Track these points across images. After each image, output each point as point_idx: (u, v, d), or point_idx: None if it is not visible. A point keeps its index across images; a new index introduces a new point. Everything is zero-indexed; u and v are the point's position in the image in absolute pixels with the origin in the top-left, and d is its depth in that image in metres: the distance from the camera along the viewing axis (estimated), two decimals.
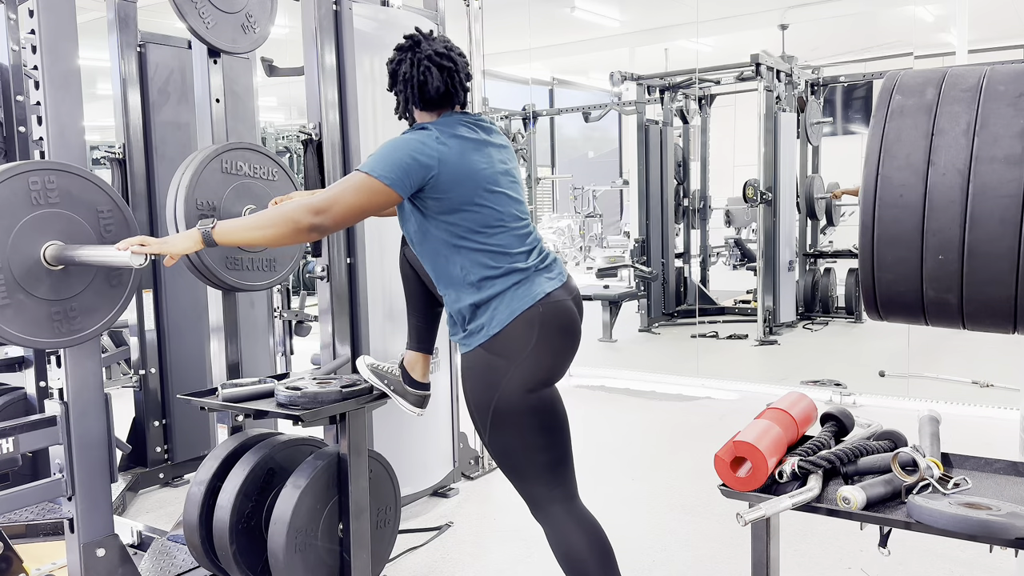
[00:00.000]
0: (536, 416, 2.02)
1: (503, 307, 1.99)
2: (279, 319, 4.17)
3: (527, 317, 1.98)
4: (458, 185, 1.98)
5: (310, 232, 1.94)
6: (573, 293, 2.12)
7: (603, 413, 5.29)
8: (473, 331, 2.02)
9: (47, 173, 2.23)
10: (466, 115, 2.12)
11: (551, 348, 2.02)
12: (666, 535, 3.29)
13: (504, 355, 1.98)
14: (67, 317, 2.25)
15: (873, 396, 5.28)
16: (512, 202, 2.08)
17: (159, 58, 3.91)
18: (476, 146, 2.05)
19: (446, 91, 2.08)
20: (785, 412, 1.86)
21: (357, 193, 1.94)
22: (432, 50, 2.08)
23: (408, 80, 2.08)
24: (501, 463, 2.09)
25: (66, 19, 2.33)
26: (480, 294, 2.00)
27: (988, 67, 1.61)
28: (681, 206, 8.71)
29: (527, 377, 1.98)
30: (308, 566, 2.37)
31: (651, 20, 10.38)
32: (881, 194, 1.59)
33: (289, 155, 9.77)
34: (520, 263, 2.03)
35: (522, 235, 2.07)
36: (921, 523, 1.46)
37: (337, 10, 3.16)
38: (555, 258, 2.14)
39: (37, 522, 3.14)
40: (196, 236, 2.06)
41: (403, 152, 1.96)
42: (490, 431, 2.04)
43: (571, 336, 2.08)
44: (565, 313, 2.05)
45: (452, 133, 2.03)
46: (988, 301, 1.55)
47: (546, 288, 2.03)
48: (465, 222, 2.00)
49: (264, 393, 2.45)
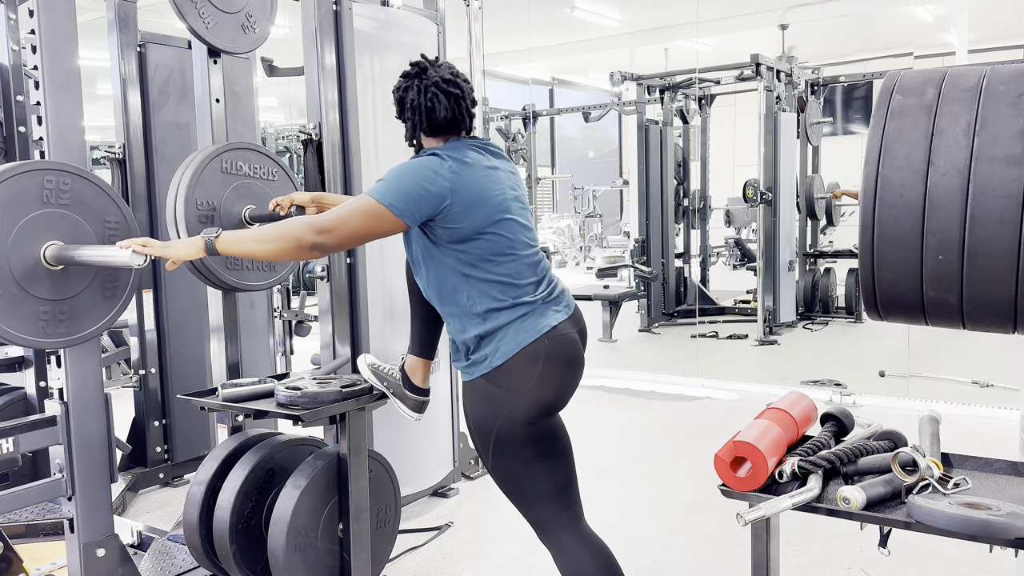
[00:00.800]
0: (538, 445, 2.01)
1: (508, 339, 1.97)
2: (279, 319, 4.17)
3: (532, 351, 1.96)
4: (470, 213, 1.96)
5: (312, 251, 1.93)
6: (579, 325, 2.10)
7: (603, 413, 5.28)
8: (476, 361, 2.00)
9: (63, 175, 2.25)
10: (474, 140, 2.11)
11: (554, 381, 2.00)
12: (666, 535, 3.29)
13: (506, 387, 1.97)
14: (67, 317, 2.25)
15: (873, 396, 5.28)
16: (522, 229, 2.06)
17: (159, 58, 3.92)
18: (486, 172, 2.03)
19: (453, 118, 2.07)
20: (785, 412, 1.86)
21: (364, 218, 1.92)
22: (439, 77, 2.06)
23: (416, 107, 2.06)
24: (505, 490, 2.08)
25: (66, 19, 2.33)
26: (486, 325, 1.98)
27: (988, 67, 1.61)
28: (681, 206, 8.71)
29: (530, 408, 1.97)
30: (308, 566, 2.37)
31: (651, 20, 10.38)
32: (881, 194, 1.59)
33: (289, 155, 9.77)
34: (528, 296, 2.01)
35: (532, 263, 2.05)
36: (921, 523, 1.46)
37: (337, 10, 3.16)
38: (563, 289, 2.12)
39: (37, 522, 3.14)
40: (199, 244, 2.06)
41: (414, 181, 1.93)
42: (492, 458, 2.03)
43: (575, 369, 2.06)
44: (570, 346, 2.04)
45: (462, 159, 2.00)
46: (988, 301, 1.55)
47: (552, 321, 2.01)
48: (476, 250, 1.98)
49: (264, 393, 2.45)
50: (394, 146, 3.39)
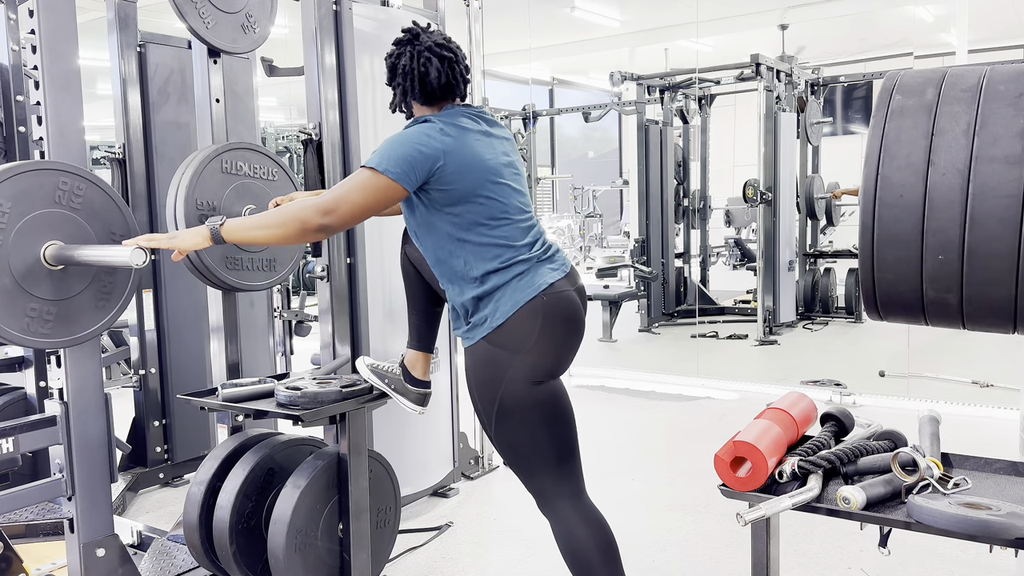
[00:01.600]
0: (542, 409, 2.02)
1: (506, 299, 1.99)
2: (279, 319, 4.17)
3: (530, 308, 1.98)
4: (463, 176, 1.98)
5: (317, 232, 1.94)
6: (576, 284, 2.11)
7: (603, 413, 5.28)
8: (476, 323, 2.02)
9: (79, 179, 2.27)
10: (468, 107, 2.12)
11: (555, 339, 2.01)
12: (666, 535, 3.29)
13: (508, 347, 1.98)
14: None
15: (873, 396, 5.28)
16: (515, 194, 2.08)
17: (159, 58, 3.91)
18: (478, 137, 2.05)
19: (447, 82, 2.08)
20: (785, 412, 1.86)
21: (364, 190, 1.94)
22: (432, 42, 2.08)
23: (408, 72, 2.07)
24: (507, 457, 2.09)
25: (66, 19, 2.33)
26: (483, 287, 2.00)
27: (988, 67, 1.61)
28: (681, 206, 8.71)
29: (532, 368, 1.98)
30: (308, 566, 2.37)
31: (651, 20, 10.38)
32: (881, 194, 1.59)
33: (289, 155, 9.77)
34: (523, 255, 2.03)
35: (525, 227, 2.07)
36: (921, 523, 1.46)
37: (337, 10, 3.16)
38: (557, 249, 2.14)
39: (37, 522, 3.14)
40: (205, 232, 2.06)
41: (407, 146, 1.95)
42: (495, 425, 2.04)
43: (575, 326, 2.07)
44: (568, 303, 2.05)
45: (455, 123, 2.02)
46: (988, 301, 1.55)
47: (548, 279, 2.03)
48: (470, 214, 2.00)
49: (264, 393, 2.45)
50: None
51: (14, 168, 2.16)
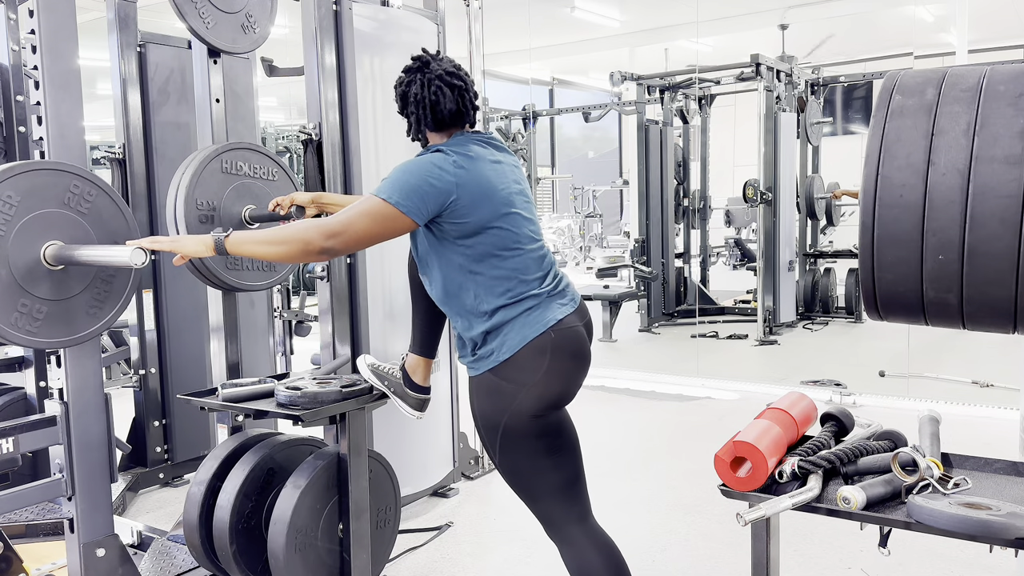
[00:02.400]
0: (546, 439, 2.00)
1: (514, 333, 1.96)
2: (279, 319, 4.17)
3: (538, 344, 1.96)
4: (477, 208, 1.95)
5: (320, 254, 1.92)
6: (585, 318, 2.10)
7: (603, 413, 5.28)
8: (482, 356, 2.00)
9: (91, 185, 2.28)
10: (477, 134, 2.10)
11: (561, 374, 1.99)
12: (666, 535, 3.29)
13: (513, 380, 1.96)
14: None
15: (873, 396, 5.28)
16: (527, 223, 2.05)
17: (159, 58, 3.92)
18: (491, 166, 2.03)
19: (458, 111, 2.06)
20: (785, 412, 1.86)
21: (372, 219, 1.91)
22: (442, 70, 2.06)
23: (420, 101, 2.05)
24: (512, 485, 2.07)
25: (66, 19, 2.33)
26: (492, 321, 1.98)
27: (988, 67, 1.61)
28: (681, 206, 8.71)
29: (536, 401, 1.96)
30: (308, 566, 2.37)
31: (651, 20, 10.38)
32: (881, 194, 1.59)
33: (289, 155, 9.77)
34: (534, 289, 2.00)
35: (538, 258, 2.05)
36: (921, 523, 1.46)
37: (337, 10, 3.16)
38: (568, 283, 2.11)
39: (37, 522, 3.14)
40: (209, 243, 2.05)
41: (419, 178, 1.92)
42: (500, 453, 2.02)
43: (581, 361, 2.05)
44: (576, 339, 2.03)
45: (466, 153, 2.00)
46: (988, 301, 1.55)
47: (558, 315, 2.00)
48: (482, 245, 1.97)
49: (264, 393, 2.45)
50: (394, 146, 3.39)
51: (29, 165, 2.18)
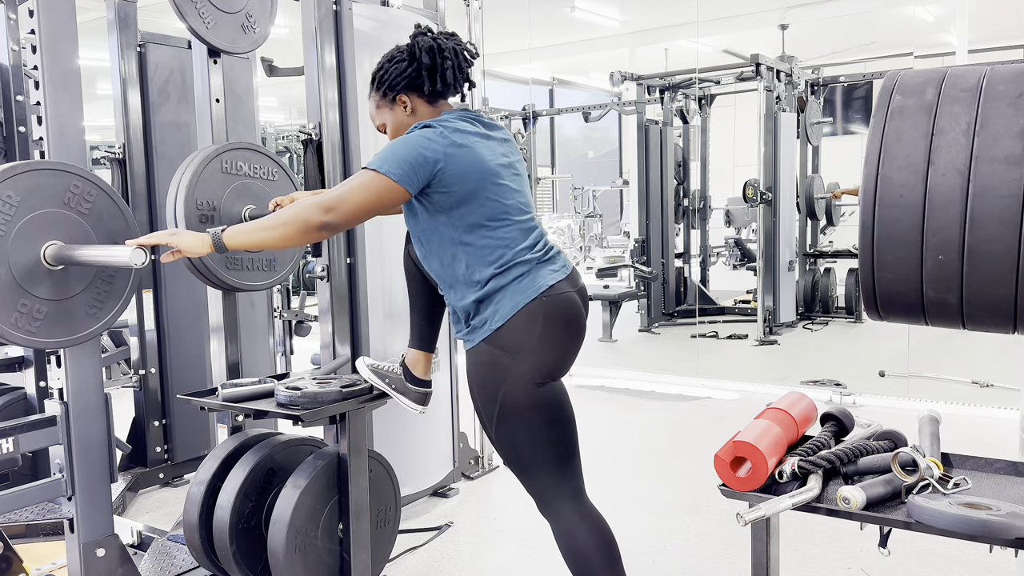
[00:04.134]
0: (543, 411, 2.01)
1: (506, 300, 1.99)
2: (279, 319, 4.17)
3: (530, 310, 1.98)
4: (464, 178, 1.99)
5: (320, 231, 1.94)
6: (577, 285, 2.11)
7: (603, 413, 5.28)
8: (476, 326, 2.03)
9: (91, 185, 2.28)
10: (466, 111, 2.14)
11: (556, 341, 2.01)
12: (666, 535, 3.29)
13: (508, 349, 1.98)
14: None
15: (873, 396, 5.28)
16: (515, 194, 2.09)
17: (159, 58, 3.91)
18: (478, 139, 2.07)
19: (454, 80, 2.13)
20: (785, 412, 1.86)
21: (366, 190, 1.94)
22: (455, 44, 2.16)
23: (426, 63, 2.10)
24: (508, 459, 2.08)
25: (66, 19, 2.33)
26: (483, 290, 2.01)
27: (988, 67, 1.61)
28: (681, 206, 8.71)
29: (532, 370, 1.98)
30: (308, 566, 2.37)
31: (651, 20, 10.38)
32: (881, 194, 1.59)
33: (289, 155, 9.77)
34: (523, 256, 2.03)
35: (526, 228, 2.08)
36: (921, 523, 1.46)
37: (337, 10, 3.16)
38: (558, 251, 2.14)
39: (37, 522, 3.14)
40: (207, 240, 2.04)
41: (409, 148, 1.97)
42: (496, 426, 2.03)
43: (576, 328, 2.07)
44: (569, 305, 2.05)
45: (455, 128, 2.04)
46: (988, 301, 1.55)
47: (549, 280, 2.03)
48: (471, 216, 2.00)
49: (264, 393, 2.45)
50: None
51: (29, 164, 2.17)
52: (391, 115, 2.18)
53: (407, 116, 2.16)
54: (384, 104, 2.18)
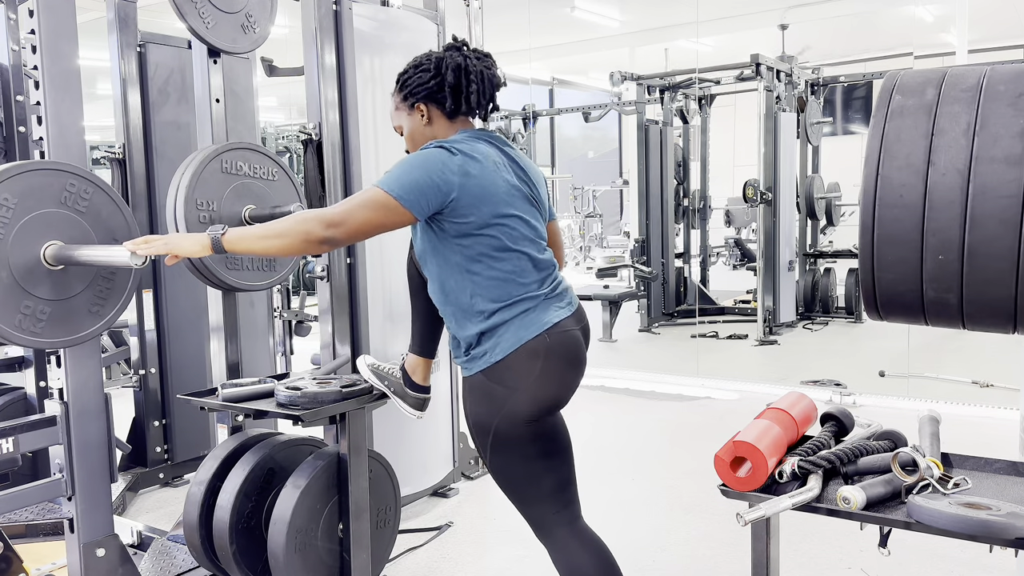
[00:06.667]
0: (536, 444, 1.98)
1: (509, 335, 1.94)
2: (279, 319, 4.17)
3: (532, 347, 1.93)
4: (476, 209, 1.92)
5: (321, 244, 1.89)
6: (582, 323, 2.07)
7: (603, 413, 5.28)
8: (476, 356, 1.97)
9: (87, 183, 2.27)
10: (484, 132, 2.07)
11: (554, 379, 1.97)
12: (666, 535, 3.29)
13: (505, 383, 1.94)
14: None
15: (873, 396, 5.28)
16: (527, 226, 2.02)
17: (159, 58, 3.92)
18: (496, 168, 1.99)
19: (477, 104, 2.06)
20: (785, 412, 1.86)
21: (373, 210, 1.89)
22: (484, 67, 2.07)
23: (450, 81, 2.03)
24: (503, 486, 2.06)
25: (66, 19, 2.33)
26: (487, 322, 1.95)
27: (988, 67, 1.61)
28: (681, 206, 8.71)
29: (528, 407, 1.94)
30: (308, 566, 2.37)
31: (651, 20, 10.38)
32: (881, 194, 1.59)
33: (289, 155, 9.77)
34: (531, 292, 1.98)
35: (536, 260, 2.01)
36: (921, 523, 1.46)
37: (337, 10, 3.16)
38: (567, 286, 2.09)
39: (37, 522, 3.14)
40: (205, 242, 2.00)
41: (422, 172, 1.90)
42: (490, 455, 2.01)
43: (576, 366, 2.03)
44: (572, 343, 2.01)
45: (472, 154, 1.96)
46: (988, 301, 1.55)
47: (554, 318, 1.97)
48: (480, 245, 1.94)
49: (264, 393, 2.45)
50: (394, 146, 3.39)
51: (23, 166, 2.17)
52: (408, 120, 2.12)
53: (424, 125, 2.09)
54: (403, 108, 2.12)
